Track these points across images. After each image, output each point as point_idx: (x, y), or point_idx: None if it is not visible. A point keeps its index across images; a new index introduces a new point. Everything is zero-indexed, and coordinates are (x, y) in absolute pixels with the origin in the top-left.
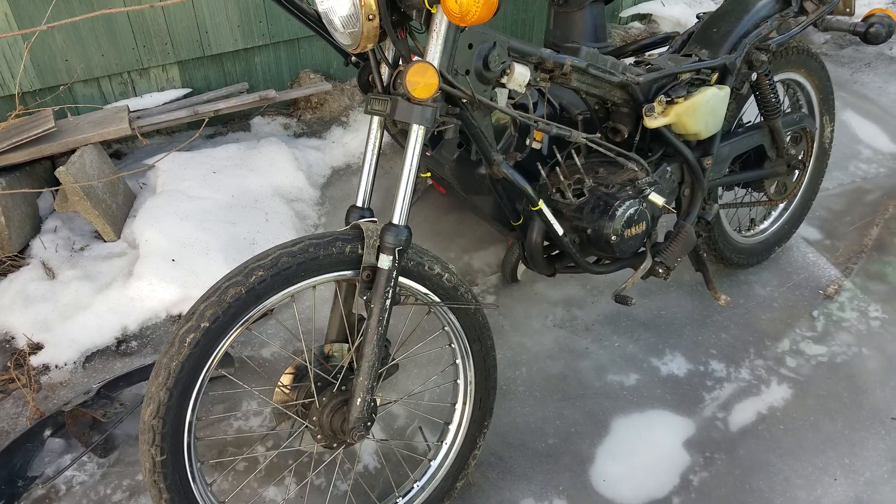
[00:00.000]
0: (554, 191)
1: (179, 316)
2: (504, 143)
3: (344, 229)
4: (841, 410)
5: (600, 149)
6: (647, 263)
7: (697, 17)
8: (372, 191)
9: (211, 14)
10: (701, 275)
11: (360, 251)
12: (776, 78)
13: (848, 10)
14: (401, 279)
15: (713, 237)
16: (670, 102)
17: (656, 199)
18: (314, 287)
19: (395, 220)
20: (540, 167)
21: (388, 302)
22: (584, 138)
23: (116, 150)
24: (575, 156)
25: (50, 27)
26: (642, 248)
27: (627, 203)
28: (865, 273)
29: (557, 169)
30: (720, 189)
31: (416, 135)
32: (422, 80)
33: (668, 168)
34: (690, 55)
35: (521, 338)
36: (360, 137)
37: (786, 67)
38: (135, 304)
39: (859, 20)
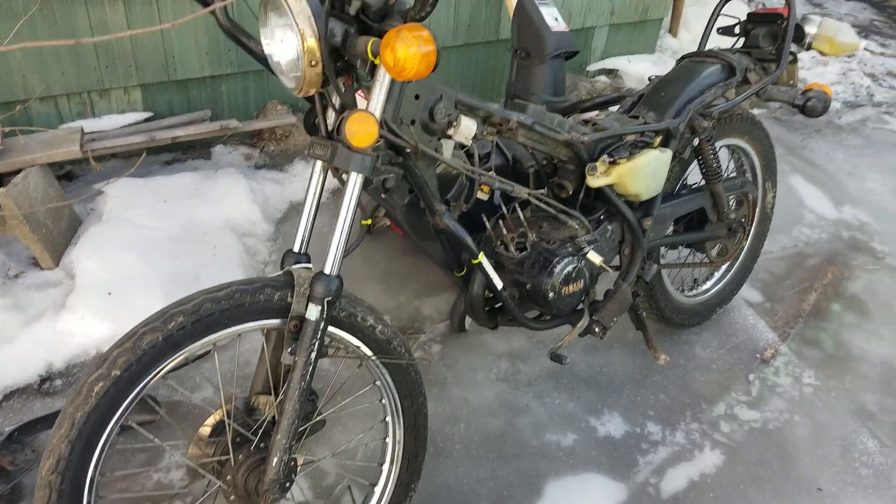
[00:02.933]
0: (498, 243)
1: None
2: (455, 192)
3: (275, 275)
4: (770, 479)
5: (542, 205)
6: (585, 322)
7: (649, 79)
8: (311, 235)
9: (179, 39)
10: (642, 333)
11: (289, 299)
12: (721, 143)
13: (791, 81)
14: (331, 329)
15: (654, 296)
16: (613, 163)
17: (594, 257)
18: (239, 335)
19: (327, 270)
20: (485, 219)
21: (313, 355)
22: (526, 193)
23: (69, 172)
24: (519, 210)
25: (9, 49)
26: (580, 306)
27: (566, 260)
28: (801, 338)
29: (502, 222)
30: (662, 249)
31: (354, 182)
32: (361, 129)
33: (609, 227)
34: (638, 117)
35: (464, 391)
36: None
37: (730, 134)
38: (63, 339)
39: (799, 93)
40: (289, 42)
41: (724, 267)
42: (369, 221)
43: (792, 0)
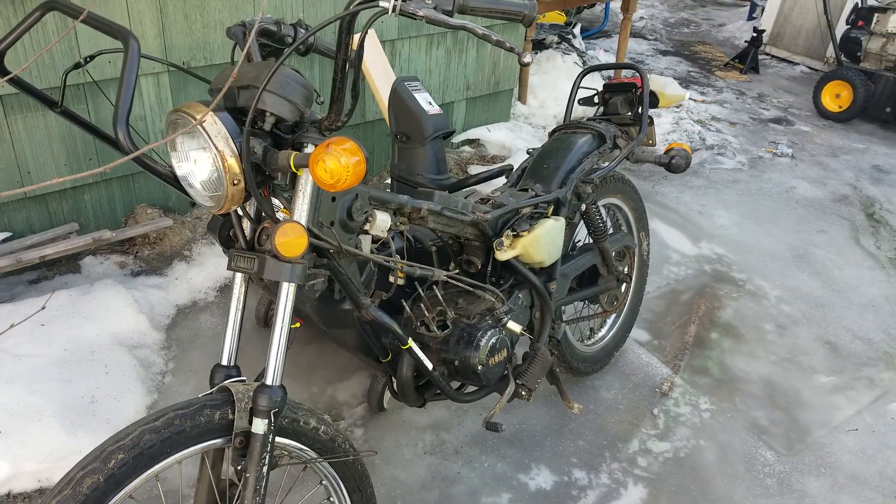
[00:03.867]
0: (419, 324)
1: (9, 495)
2: (366, 279)
3: (209, 393)
4: None
5: (460, 284)
6: (512, 387)
7: (528, 152)
8: (238, 348)
9: (33, 153)
10: (555, 387)
11: (230, 416)
12: (600, 203)
13: (650, 141)
14: (277, 438)
15: (562, 351)
16: (517, 236)
17: (514, 326)
18: (180, 462)
19: (269, 381)
20: (403, 302)
21: (264, 469)
22: (445, 275)
23: None
24: (436, 289)
25: None
26: (505, 373)
27: (489, 333)
28: (691, 368)
29: (420, 303)
30: (563, 307)
31: (287, 292)
32: (291, 240)
33: (520, 295)
34: (527, 189)
35: (394, 470)
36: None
37: (606, 194)
38: None
39: (661, 153)
40: (204, 164)
41: (613, 315)
42: (298, 324)
43: (643, 72)
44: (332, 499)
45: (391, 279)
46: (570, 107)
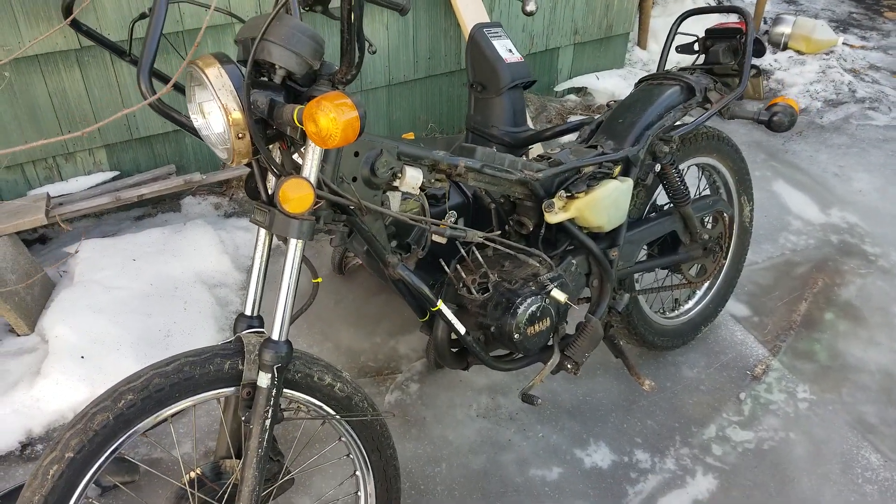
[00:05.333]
0: (460, 286)
1: None
2: (415, 236)
3: (224, 342)
4: (767, 503)
5: (499, 246)
6: (556, 359)
7: (608, 105)
8: (261, 298)
9: (139, 98)
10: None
11: (240, 367)
12: (689, 163)
13: (757, 95)
14: (288, 391)
15: (632, 323)
16: (571, 197)
17: (558, 295)
18: (195, 406)
19: (275, 336)
20: (444, 264)
21: (267, 422)
22: (479, 237)
23: (42, 235)
24: (476, 251)
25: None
26: (550, 343)
27: (530, 300)
28: (793, 351)
29: (463, 264)
30: (637, 275)
31: (295, 248)
32: (295, 196)
33: (574, 261)
34: (596, 146)
35: (444, 430)
36: None
37: (697, 153)
38: (40, 406)
39: (763, 108)
40: (214, 116)
41: (705, 285)
42: (320, 280)
43: (748, 14)
44: (351, 455)
45: (428, 240)
46: (664, 54)
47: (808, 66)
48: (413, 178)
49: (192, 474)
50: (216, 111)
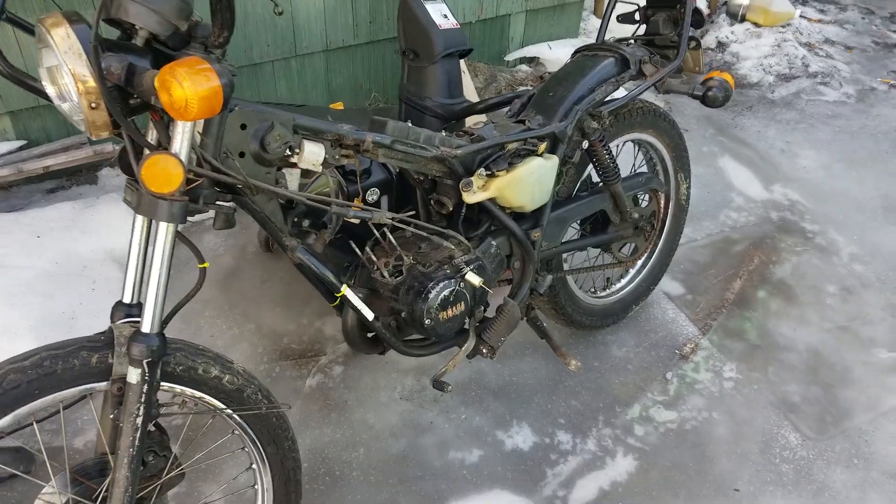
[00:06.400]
0: (374, 269)
1: None
2: (330, 215)
3: (94, 335)
4: (685, 484)
5: (409, 228)
6: (471, 344)
7: (542, 77)
8: (141, 283)
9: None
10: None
11: (110, 360)
12: (625, 139)
13: (696, 68)
14: (169, 385)
15: (559, 303)
16: (491, 176)
17: (473, 278)
18: (62, 402)
19: (145, 328)
20: (355, 246)
21: (139, 420)
22: (388, 218)
23: None
24: (389, 233)
25: None
26: (466, 327)
27: (442, 284)
28: (724, 330)
29: (376, 247)
30: (563, 256)
31: (164, 232)
32: (161, 174)
33: (494, 242)
34: (524, 121)
35: (365, 413)
36: None
37: (633, 128)
38: None
39: (698, 83)
40: (65, 83)
41: (638, 263)
42: (206, 265)
43: None
44: (246, 449)
45: (337, 222)
46: (604, 24)
47: (764, 38)
48: (312, 153)
49: (59, 475)
50: (67, 77)
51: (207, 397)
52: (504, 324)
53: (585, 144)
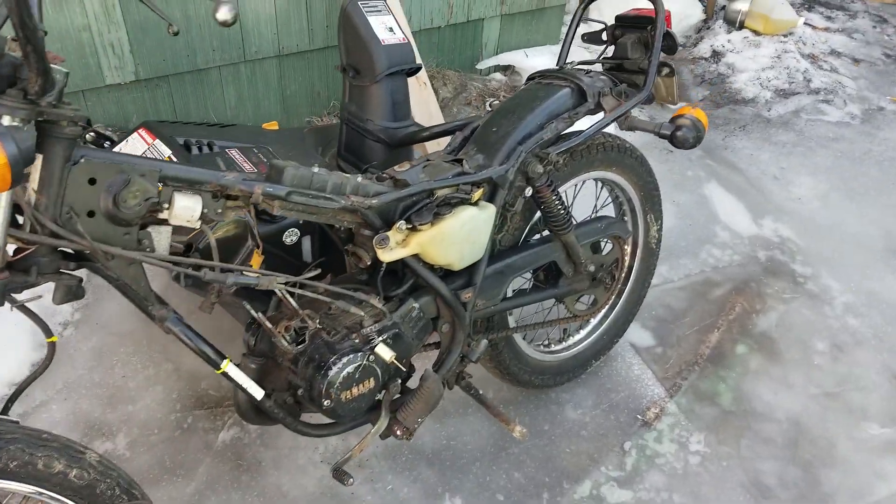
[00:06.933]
0: (277, 332)
1: None
2: (241, 258)
3: None
4: None
5: (306, 293)
6: (382, 424)
7: (489, 107)
8: None
9: None
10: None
11: None
12: (583, 178)
13: (670, 97)
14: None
15: (503, 361)
16: (412, 230)
17: (384, 352)
18: None
19: None
20: (247, 306)
21: None
22: (278, 284)
23: None
24: (286, 294)
25: None
26: (376, 403)
27: (347, 358)
28: (694, 392)
29: (280, 306)
30: (507, 313)
31: None
32: None
33: (416, 304)
34: (461, 161)
35: (280, 477)
36: None
37: (592, 167)
38: None
39: (666, 121)
40: None
41: (599, 314)
42: (55, 339)
43: (658, 1)
44: None
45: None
46: (565, 45)
47: (764, 48)
48: (185, 209)
49: None
50: None
51: (52, 494)
52: (422, 403)
53: (529, 191)
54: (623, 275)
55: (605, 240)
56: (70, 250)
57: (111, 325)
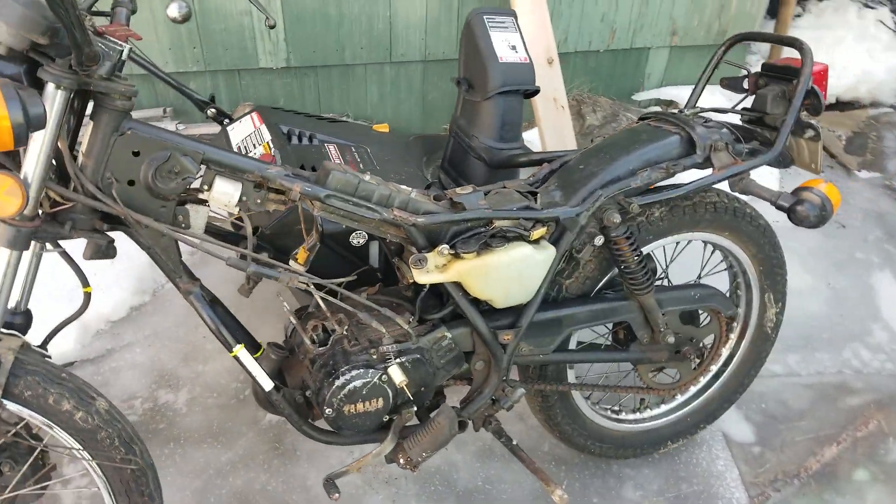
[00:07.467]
0: (304, 330)
1: None
2: (299, 252)
3: None
4: None
5: (334, 300)
6: (387, 447)
7: (591, 140)
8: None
9: None
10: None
11: None
12: (684, 236)
13: (813, 164)
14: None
15: (553, 417)
16: (456, 256)
17: (396, 374)
18: None
19: None
20: (281, 299)
21: None
22: (300, 281)
23: None
24: (317, 296)
25: None
26: (384, 424)
27: (357, 372)
28: None
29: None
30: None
31: (5, 258)
32: None
33: (450, 334)
34: (535, 194)
35: (308, 471)
36: None
37: (696, 226)
38: None
39: (789, 192)
40: None
41: (687, 394)
42: (90, 289)
43: (807, 51)
44: (97, 490)
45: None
46: (697, 88)
47: None
48: (224, 193)
49: None
50: None
51: (57, 429)
52: (429, 437)
53: (600, 240)
54: (721, 355)
55: (705, 313)
56: (107, 212)
57: (209, 287)
